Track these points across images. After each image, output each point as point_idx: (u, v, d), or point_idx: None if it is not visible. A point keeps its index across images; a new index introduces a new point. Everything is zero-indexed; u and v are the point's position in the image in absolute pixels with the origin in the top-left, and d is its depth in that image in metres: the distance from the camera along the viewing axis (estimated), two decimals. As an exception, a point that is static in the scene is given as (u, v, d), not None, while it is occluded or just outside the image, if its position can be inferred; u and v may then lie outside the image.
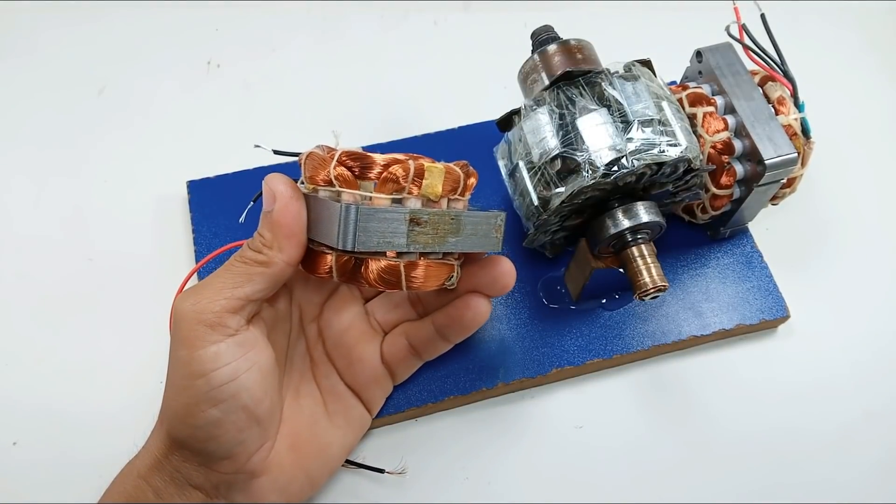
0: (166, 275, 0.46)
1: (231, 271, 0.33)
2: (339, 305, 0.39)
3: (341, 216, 0.32)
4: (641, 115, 0.38)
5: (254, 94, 0.55)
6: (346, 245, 0.32)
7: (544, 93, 0.40)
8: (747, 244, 0.47)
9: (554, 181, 0.38)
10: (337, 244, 0.32)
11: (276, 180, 0.33)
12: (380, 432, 0.42)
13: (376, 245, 0.32)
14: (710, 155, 0.41)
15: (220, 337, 0.32)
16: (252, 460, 0.34)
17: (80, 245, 0.48)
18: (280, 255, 0.33)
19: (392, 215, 0.32)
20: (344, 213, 0.32)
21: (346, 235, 0.32)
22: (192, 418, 0.32)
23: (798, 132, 0.42)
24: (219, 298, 0.32)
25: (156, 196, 0.50)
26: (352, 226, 0.32)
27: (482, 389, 0.42)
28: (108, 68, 0.56)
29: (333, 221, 0.32)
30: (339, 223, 0.32)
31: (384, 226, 0.32)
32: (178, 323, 0.32)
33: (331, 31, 0.59)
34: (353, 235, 0.32)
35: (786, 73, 0.42)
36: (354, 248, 0.32)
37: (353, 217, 0.32)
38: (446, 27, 0.59)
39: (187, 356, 0.32)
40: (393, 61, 0.57)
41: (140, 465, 0.34)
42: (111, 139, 0.53)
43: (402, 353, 0.39)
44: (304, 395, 0.39)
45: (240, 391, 0.32)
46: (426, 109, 0.54)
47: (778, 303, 0.45)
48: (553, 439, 0.42)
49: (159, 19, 0.59)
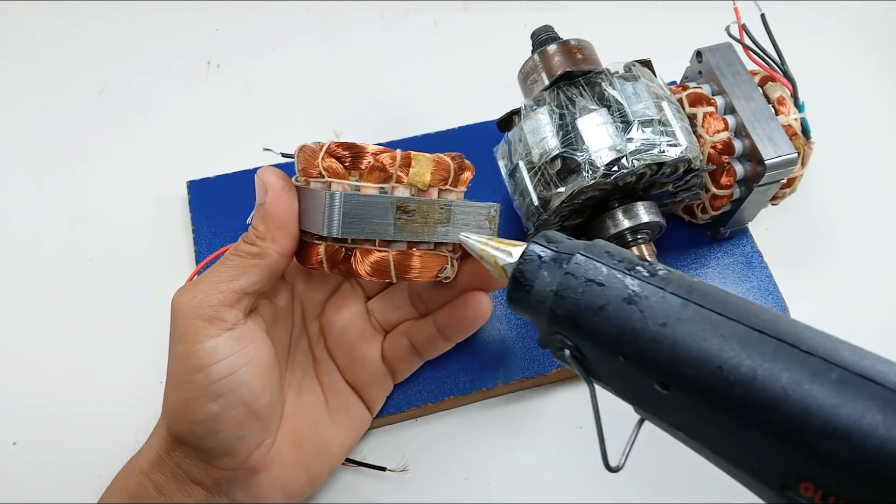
0: (166, 274, 0.46)
1: (226, 265, 0.33)
2: (341, 303, 0.39)
3: (325, 203, 0.32)
4: (641, 115, 0.38)
5: (254, 94, 0.55)
6: (332, 232, 0.32)
7: (544, 93, 0.40)
8: (747, 244, 0.48)
9: (554, 181, 0.38)
10: (322, 231, 0.32)
11: (267, 173, 0.34)
12: (380, 432, 0.42)
13: (362, 232, 0.33)
14: (710, 155, 0.41)
15: (218, 331, 0.32)
16: (253, 456, 0.34)
17: (80, 245, 0.48)
18: (273, 246, 0.33)
19: (378, 202, 0.33)
20: (328, 201, 0.32)
21: (330, 222, 0.32)
22: (192, 413, 0.32)
23: (798, 132, 0.42)
24: (215, 292, 0.32)
25: (156, 196, 0.50)
26: (336, 212, 0.32)
27: (482, 389, 0.42)
28: (108, 68, 0.56)
29: (319, 209, 0.32)
30: (324, 210, 0.32)
31: (370, 213, 0.33)
32: (175, 318, 0.32)
33: (331, 31, 0.59)
34: (339, 222, 0.32)
35: (786, 73, 0.42)
36: (339, 235, 0.32)
37: (338, 204, 0.32)
38: (446, 27, 0.59)
39: (185, 351, 0.32)
40: (393, 61, 0.57)
41: (142, 462, 0.34)
42: (111, 139, 0.53)
43: (403, 352, 0.39)
44: (306, 393, 0.39)
45: (239, 386, 0.32)
46: (426, 109, 0.54)
47: (778, 303, 0.45)
48: (553, 439, 0.42)
49: (159, 19, 0.59)
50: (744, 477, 0.24)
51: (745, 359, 0.22)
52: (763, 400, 0.22)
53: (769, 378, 0.22)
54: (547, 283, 0.26)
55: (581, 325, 0.25)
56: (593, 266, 0.26)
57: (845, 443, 0.20)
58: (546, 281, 0.26)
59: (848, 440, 0.20)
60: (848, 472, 0.20)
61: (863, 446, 0.20)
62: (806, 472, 0.21)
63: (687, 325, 0.23)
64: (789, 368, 0.21)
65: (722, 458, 0.24)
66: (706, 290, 0.25)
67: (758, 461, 0.22)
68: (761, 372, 0.22)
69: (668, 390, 0.24)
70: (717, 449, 0.24)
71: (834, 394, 0.21)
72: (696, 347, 0.23)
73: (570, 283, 0.26)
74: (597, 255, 0.26)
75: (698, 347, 0.23)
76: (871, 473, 0.20)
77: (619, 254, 0.27)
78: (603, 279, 0.25)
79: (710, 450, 0.24)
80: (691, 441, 0.25)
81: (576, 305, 0.25)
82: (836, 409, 0.20)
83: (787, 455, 0.21)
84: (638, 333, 0.24)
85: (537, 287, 0.27)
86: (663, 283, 0.25)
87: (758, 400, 0.22)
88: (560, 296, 0.26)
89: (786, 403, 0.21)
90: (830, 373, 0.21)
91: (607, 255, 0.26)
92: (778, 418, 0.21)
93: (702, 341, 0.23)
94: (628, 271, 0.25)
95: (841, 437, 0.20)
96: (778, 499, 0.23)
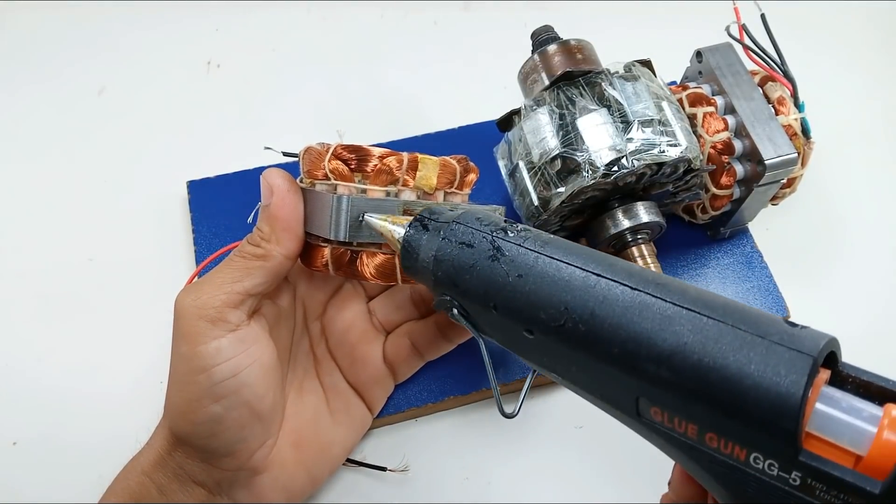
0: (166, 274, 0.46)
1: (230, 266, 0.33)
2: (342, 304, 0.39)
3: (333, 206, 0.32)
4: (641, 115, 0.38)
5: (254, 94, 0.55)
6: (338, 235, 0.32)
7: (544, 93, 0.40)
8: (747, 244, 0.48)
9: (554, 181, 0.38)
10: (329, 234, 0.32)
11: (273, 175, 0.33)
12: (380, 432, 0.42)
13: (369, 236, 0.33)
14: (710, 155, 0.41)
15: (221, 332, 0.32)
16: (254, 457, 0.34)
17: (81, 245, 0.48)
18: (278, 248, 0.33)
19: (385, 206, 0.33)
20: (336, 204, 0.32)
21: (337, 226, 0.32)
22: (194, 414, 0.32)
23: (798, 132, 0.42)
24: (219, 293, 0.32)
25: (156, 196, 0.50)
26: (343, 216, 0.32)
27: (482, 389, 0.42)
28: (108, 68, 0.56)
29: (326, 212, 0.32)
30: (331, 214, 0.32)
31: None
32: (179, 319, 0.32)
33: (331, 32, 0.59)
34: (346, 225, 0.32)
35: (786, 73, 0.42)
36: (346, 239, 0.32)
37: (345, 207, 0.32)
38: (446, 27, 0.59)
39: (189, 352, 0.32)
40: (393, 61, 0.57)
41: (144, 462, 0.34)
42: (111, 139, 0.53)
43: (405, 352, 0.39)
44: (308, 393, 0.39)
45: (241, 387, 0.32)
46: (426, 109, 0.54)
47: (778, 303, 0.45)
48: (553, 439, 0.42)
49: (159, 19, 0.59)
50: (610, 409, 0.27)
51: (586, 300, 0.25)
52: (602, 334, 0.25)
53: (606, 314, 0.25)
54: (428, 250, 0.30)
55: (458, 284, 0.29)
56: (463, 230, 0.29)
57: (668, 364, 0.23)
58: (427, 247, 0.30)
59: (670, 362, 0.23)
60: (677, 392, 0.23)
61: (681, 366, 0.23)
62: (648, 395, 0.24)
63: (539, 275, 0.27)
64: (621, 304, 0.25)
65: (589, 394, 0.27)
66: (558, 243, 0.28)
67: (613, 392, 0.26)
68: (598, 310, 0.25)
69: (532, 335, 0.27)
70: (583, 385, 0.27)
71: (658, 324, 0.24)
72: (546, 293, 0.26)
73: (446, 248, 0.29)
74: (467, 221, 0.30)
75: (548, 293, 0.26)
76: (691, 390, 0.23)
77: (487, 218, 0.30)
78: (472, 241, 0.29)
79: (578, 386, 0.27)
80: (563, 381, 0.28)
81: (452, 266, 0.29)
82: (659, 335, 0.24)
83: (631, 382, 0.25)
84: (501, 286, 0.28)
85: (422, 254, 0.30)
86: (521, 239, 0.28)
87: (598, 335, 0.25)
88: (438, 259, 0.29)
89: (619, 335, 0.24)
90: (655, 304, 0.24)
91: (477, 220, 0.30)
92: (617, 348, 0.25)
93: (550, 287, 0.26)
94: (492, 233, 0.29)
95: (665, 360, 0.23)
96: (640, 427, 0.26)
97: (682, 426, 0.24)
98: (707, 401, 0.23)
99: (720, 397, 0.22)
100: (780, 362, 0.22)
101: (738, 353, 0.22)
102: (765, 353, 0.22)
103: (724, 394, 0.22)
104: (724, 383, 0.22)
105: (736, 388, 0.22)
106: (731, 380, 0.22)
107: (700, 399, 0.23)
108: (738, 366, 0.22)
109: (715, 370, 0.22)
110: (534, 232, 0.29)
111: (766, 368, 0.22)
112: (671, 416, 0.24)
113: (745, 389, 0.22)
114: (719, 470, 0.24)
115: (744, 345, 0.22)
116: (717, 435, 0.23)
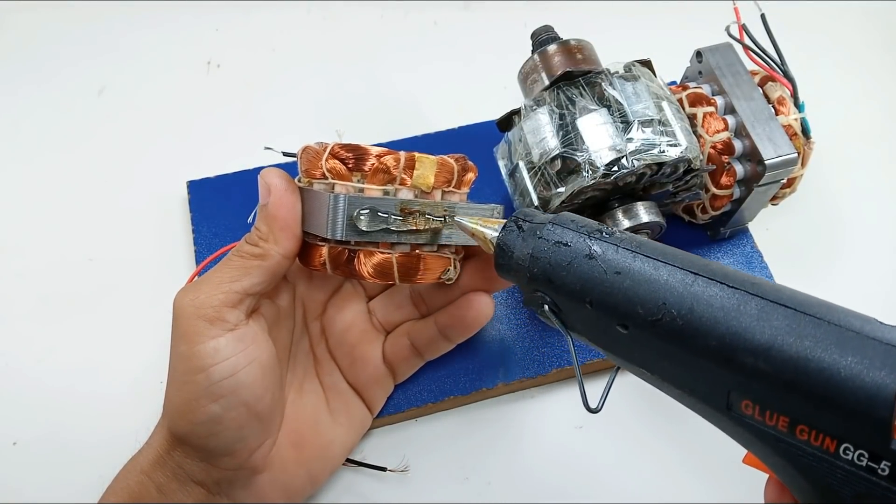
0: (166, 274, 0.46)
1: (229, 266, 0.33)
2: (342, 303, 0.39)
3: (330, 205, 0.32)
4: (641, 115, 0.38)
5: (254, 94, 0.55)
6: (336, 234, 0.32)
7: (544, 93, 0.40)
8: (747, 244, 0.48)
9: (554, 181, 0.38)
10: (326, 233, 0.32)
11: (271, 174, 0.33)
12: (380, 432, 0.42)
13: (366, 235, 0.33)
14: (710, 155, 0.41)
15: (220, 332, 0.32)
16: (253, 457, 0.34)
17: (81, 245, 0.48)
18: (276, 247, 0.33)
19: (382, 205, 0.33)
20: (332, 203, 0.32)
21: (334, 224, 0.32)
22: (193, 414, 0.32)
23: (798, 132, 0.42)
24: (217, 293, 0.32)
25: (156, 196, 0.50)
26: (340, 215, 0.32)
27: (482, 389, 0.42)
28: (108, 68, 0.56)
29: (323, 211, 0.32)
30: (328, 212, 0.32)
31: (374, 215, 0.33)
32: (177, 318, 0.32)
33: (331, 32, 0.59)
34: (343, 224, 0.32)
35: (786, 73, 0.42)
36: (343, 238, 0.32)
37: (342, 206, 0.32)
38: (446, 27, 0.59)
39: (187, 351, 0.32)
40: (393, 61, 0.57)
41: (143, 461, 0.34)
42: (111, 139, 0.53)
43: (405, 352, 0.39)
44: (307, 393, 0.39)
45: (240, 387, 0.32)
46: (426, 109, 0.54)
47: (778, 303, 0.45)
48: (553, 439, 0.42)
49: (159, 19, 0.59)
50: (697, 404, 0.27)
51: (684, 295, 0.27)
52: (700, 328, 0.26)
53: (704, 309, 0.26)
54: (524, 249, 0.31)
55: (553, 280, 0.30)
56: (560, 231, 0.30)
57: (765, 357, 0.24)
58: (523, 246, 0.31)
59: (767, 354, 0.24)
60: (772, 384, 0.24)
61: (778, 358, 0.24)
62: (742, 388, 0.25)
63: (637, 272, 0.28)
64: (719, 300, 0.26)
65: (677, 389, 0.28)
66: (652, 245, 0.29)
67: (705, 385, 0.26)
68: (696, 306, 0.26)
69: (627, 330, 0.28)
70: (673, 380, 0.28)
71: (756, 319, 0.25)
72: (644, 289, 0.27)
73: (543, 247, 0.30)
74: (563, 223, 0.31)
75: (646, 289, 0.27)
76: (787, 382, 0.24)
77: (582, 221, 0.31)
78: (569, 241, 0.30)
79: (666, 381, 0.28)
80: (652, 377, 0.29)
81: (548, 264, 0.30)
82: (758, 329, 0.25)
83: (725, 375, 0.25)
84: (598, 282, 0.29)
85: (517, 253, 0.31)
86: (617, 241, 0.30)
87: (696, 328, 0.26)
88: (535, 257, 0.30)
89: (717, 329, 0.25)
90: (752, 301, 0.26)
91: (572, 222, 0.31)
92: (714, 342, 0.25)
93: (648, 284, 0.27)
94: (588, 234, 0.30)
95: (762, 353, 0.24)
96: (728, 422, 0.26)
97: (773, 419, 0.25)
98: (802, 392, 0.24)
99: (815, 388, 0.23)
100: (875, 355, 0.23)
101: (834, 347, 0.24)
102: (860, 347, 0.23)
103: (820, 385, 0.23)
104: (820, 374, 0.23)
105: (832, 379, 0.23)
106: (826, 371, 0.23)
107: (796, 390, 0.24)
108: (833, 358, 0.23)
109: (812, 362, 0.24)
110: (627, 234, 0.30)
111: (861, 360, 0.23)
112: (763, 409, 0.25)
113: (841, 380, 0.23)
114: (806, 462, 0.24)
115: (839, 339, 0.24)
116: (809, 427, 0.24)
